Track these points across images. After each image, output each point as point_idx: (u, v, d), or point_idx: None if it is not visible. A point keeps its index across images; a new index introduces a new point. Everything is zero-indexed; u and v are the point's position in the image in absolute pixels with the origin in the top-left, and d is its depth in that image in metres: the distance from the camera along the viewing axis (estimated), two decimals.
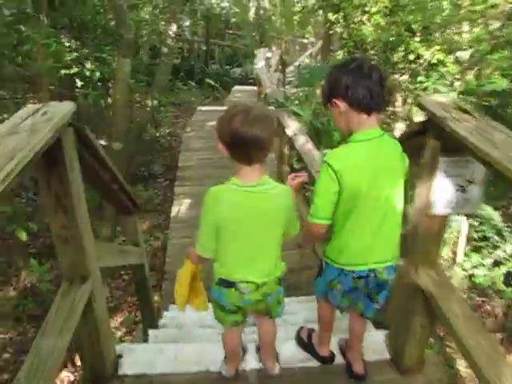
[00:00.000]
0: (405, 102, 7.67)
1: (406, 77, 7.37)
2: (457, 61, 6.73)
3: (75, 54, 6.58)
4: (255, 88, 10.78)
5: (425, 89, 7.19)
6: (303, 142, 4.14)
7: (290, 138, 4.51)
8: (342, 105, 1.59)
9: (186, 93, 12.52)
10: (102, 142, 7.39)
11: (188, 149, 7.47)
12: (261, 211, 1.64)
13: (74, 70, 6.65)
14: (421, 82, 7.11)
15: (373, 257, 1.70)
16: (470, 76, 6.63)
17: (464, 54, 7.04)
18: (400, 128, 7.36)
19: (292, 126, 4.63)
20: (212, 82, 13.25)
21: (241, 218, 1.63)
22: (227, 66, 14.70)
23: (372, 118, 1.59)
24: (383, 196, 1.62)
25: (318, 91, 5.94)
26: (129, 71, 4.02)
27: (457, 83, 6.71)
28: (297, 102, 5.68)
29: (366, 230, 1.66)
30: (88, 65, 6.71)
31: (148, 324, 3.28)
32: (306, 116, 5.22)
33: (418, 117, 7.70)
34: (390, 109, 8.45)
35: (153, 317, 3.26)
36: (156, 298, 4.48)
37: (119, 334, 4.04)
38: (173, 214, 5.53)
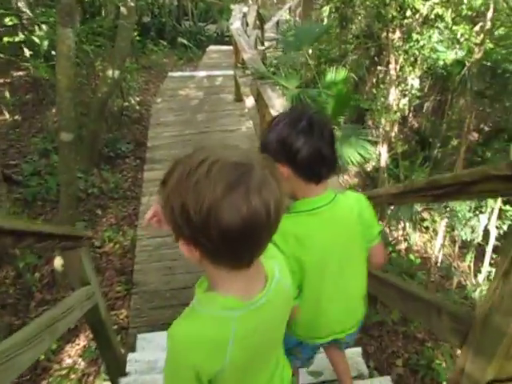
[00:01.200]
0: (396, 62, 6.92)
1: (398, 34, 6.59)
2: (459, 16, 5.98)
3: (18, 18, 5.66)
4: (232, 47, 9.88)
5: (420, 48, 6.46)
6: None
7: None
8: (286, 171, 1.27)
9: (157, 54, 11.52)
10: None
11: (158, 123, 6.64)
12: (275, 321, 1.02)
13: (20, 37, 5.74)
14: (417, 41, 6.37)
15: (334, 328, 1.52)
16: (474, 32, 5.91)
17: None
18: (393, 93, 6.65)
19: (277, 105, 3.89)
20: (185, 42, 12.20)
21: (250, 352, 0.96)
22: (201, 23, 13.56)
23: (321, 184, 1.32)
24: (341, 269, 1.39)
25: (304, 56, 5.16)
26: (71, 44, 3.20)
27: (462, 40, 5.98)
28: (277, 68, 4.90)
29: (323, 304, 1.43)
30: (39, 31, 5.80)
31: (110, 369, 2.66)
32: (291, 88, 4.48)
33: (412, 79, 7.01)
34: (380, 68, 7.72)
35: (116, 360, 2.63)
36: (124, 313, 3.86)
37: (81, 364, 3.41)
38: (142, 206, 4.82)
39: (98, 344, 2.57)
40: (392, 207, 4.10)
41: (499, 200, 3.70)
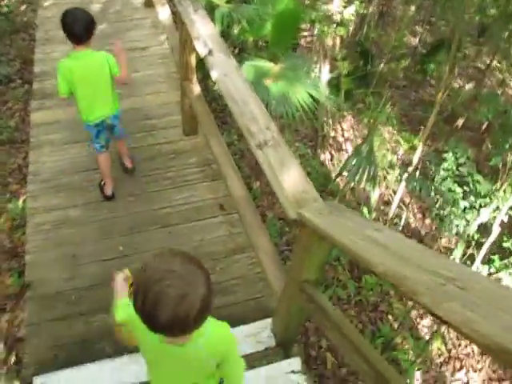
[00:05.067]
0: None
1: None
2: None
3: None
4: None
5: None
6: (225, 72, 2.47)
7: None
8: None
9: None
10: None
11: (46, 38, 5.16)
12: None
13: None
14: None
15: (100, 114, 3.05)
16: None
17: None
18: None
19: (203, 34, 2.85)
20: None
21: None
22: None
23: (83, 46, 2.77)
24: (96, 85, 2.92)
25: None
26: None
27: None
28: None
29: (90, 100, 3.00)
30: None
31: None
32: (221, 4, 3.38)
33: None
34: None
35: None
36: (19, 316, 3.00)
37: None
38: (31, 164, 3.71)
39: None
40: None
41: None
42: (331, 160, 5.39)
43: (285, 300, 2.18)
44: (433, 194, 3.45)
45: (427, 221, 4.94)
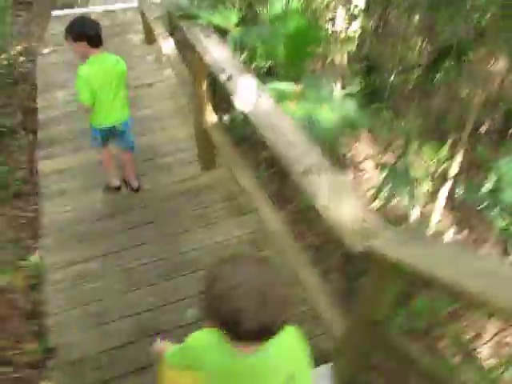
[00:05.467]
0: None
1: None
2: None
3: None
4: None
5: None
6: (249, 96, 2.25)
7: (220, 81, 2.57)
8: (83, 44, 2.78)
9: None
10: None
11: (48, 84, 5.03)
12: None
13: None
14: None
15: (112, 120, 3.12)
16: None
17: None
18: (341, 15, 5.45)
19: (219, 59, 2.65)
20: None
21: None
22: None
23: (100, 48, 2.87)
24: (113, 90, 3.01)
25: None
26: None
27: None
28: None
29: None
30: None
31: None
32: (231, 28, 3.20)
33: None
34: None
35: None
36: None
37: None
38: (43, 216, 3.48)
39: None
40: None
41: None
42: (353, 180, 5.14)
43: (351, 343, 1.90)
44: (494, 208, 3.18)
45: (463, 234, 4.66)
